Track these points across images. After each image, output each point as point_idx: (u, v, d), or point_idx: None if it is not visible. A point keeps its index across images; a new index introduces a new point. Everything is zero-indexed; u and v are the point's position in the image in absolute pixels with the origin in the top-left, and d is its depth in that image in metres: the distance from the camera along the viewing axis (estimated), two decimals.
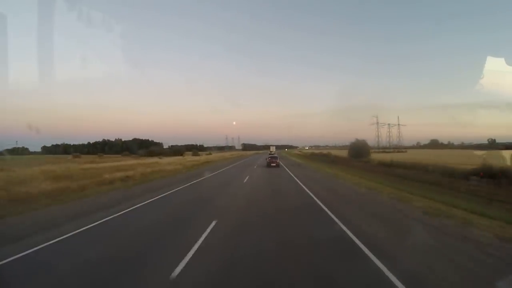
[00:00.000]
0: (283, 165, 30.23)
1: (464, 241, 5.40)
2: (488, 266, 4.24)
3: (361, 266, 4.23)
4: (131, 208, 8.72)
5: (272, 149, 77.67)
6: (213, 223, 6.60)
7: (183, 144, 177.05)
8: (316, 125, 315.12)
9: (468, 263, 4.35)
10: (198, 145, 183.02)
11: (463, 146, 71.70)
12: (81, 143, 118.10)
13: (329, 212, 7.84)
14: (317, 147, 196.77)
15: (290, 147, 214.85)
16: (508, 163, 21.27)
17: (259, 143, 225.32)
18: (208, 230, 6.07)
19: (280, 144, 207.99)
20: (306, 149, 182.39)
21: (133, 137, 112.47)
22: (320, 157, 55.87)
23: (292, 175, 19.30)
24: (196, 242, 5.26)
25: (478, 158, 22.51)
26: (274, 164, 27.58)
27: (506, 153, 23.88)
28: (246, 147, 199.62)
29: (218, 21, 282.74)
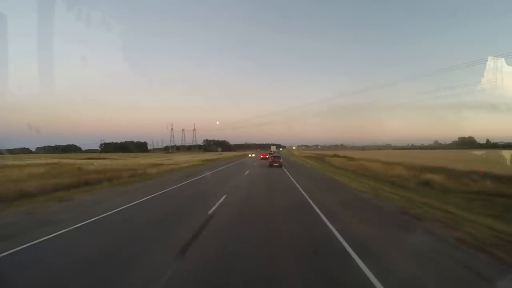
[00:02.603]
0: None
1: None
2: None
3: None
4: None
5: (273, 148, 77.67)
6: None
7: (120, 141, 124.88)
8: (305, 125, 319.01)
9: None
10: (140, 142, 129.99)
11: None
12: None
13: None
14: (307, 147, 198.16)
15: (277, 146, 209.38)
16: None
17: (236, 142, 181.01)
18: None
19: (264, 143, 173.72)
20: (294, 148, 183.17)
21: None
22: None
23: None
24: None
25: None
26: (277, 164, 26.45)
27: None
28: (211, 145, 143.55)
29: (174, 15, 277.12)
